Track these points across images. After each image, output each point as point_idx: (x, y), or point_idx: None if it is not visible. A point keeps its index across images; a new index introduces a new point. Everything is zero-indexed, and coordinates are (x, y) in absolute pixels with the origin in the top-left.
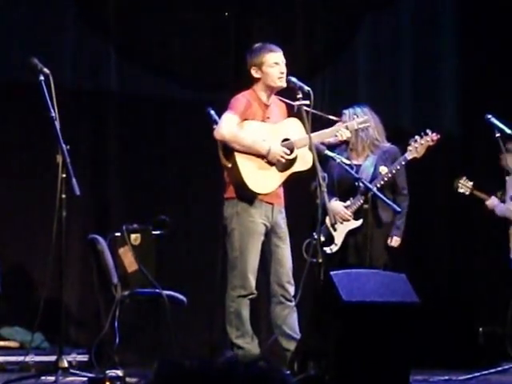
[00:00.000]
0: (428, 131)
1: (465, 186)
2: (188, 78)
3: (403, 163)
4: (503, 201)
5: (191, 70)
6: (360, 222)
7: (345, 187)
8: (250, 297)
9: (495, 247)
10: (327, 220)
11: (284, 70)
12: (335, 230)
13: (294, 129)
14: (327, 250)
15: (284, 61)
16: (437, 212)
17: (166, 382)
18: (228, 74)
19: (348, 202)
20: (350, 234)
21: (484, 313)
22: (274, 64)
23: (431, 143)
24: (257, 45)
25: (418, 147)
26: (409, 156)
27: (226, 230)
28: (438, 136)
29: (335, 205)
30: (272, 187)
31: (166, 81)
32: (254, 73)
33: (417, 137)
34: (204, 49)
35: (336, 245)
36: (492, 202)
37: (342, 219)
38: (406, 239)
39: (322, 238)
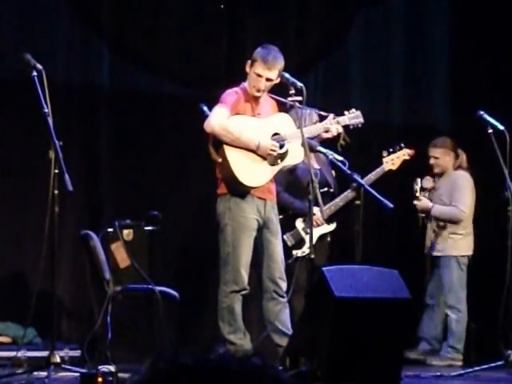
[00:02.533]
0: (402, 145)
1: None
2: (181, 75)
3: (381, 174)
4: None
5: (184, 66)
6: (333, 226)
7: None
8: (243, 292)
9: (488, 243)
10: (298, 223)
11: (262, 86)
12: (307, 233)
13: (284, 123)
14: (298, 252)
15: (271, 77)
16: None
17: (160, 377)
18: (220, 70)
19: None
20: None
21: (476, 309)
22: (257, 73)
23: (407, 158)
24: (266, 45)
25: (393, 159)
26: (386, 168)
27: (219, 226)
28: (413, 151)
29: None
30: (263, 181)
31: (159, 77)
32: (247, 66)
33: (391, 149)
34: (197, 45)
35: (308, 248)
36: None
37: (316, 223)
38: (399, 235)
39: (293, 241)
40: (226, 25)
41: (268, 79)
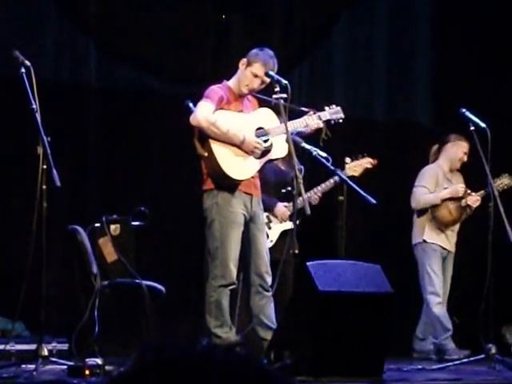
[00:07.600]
0: (365, 154)
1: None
2: (167, 72)
3: (344, 178)
4: None
5: (170, 63)
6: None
7: (281, 189)
8: (231, 287)
9: (470, 238)
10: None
11: (256, 86)
12: (270, 228)
13: (267, 118)
14: None
15: (267, 80)
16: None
17: (147, 368)
18: (206, 67)
19: (285, 203)
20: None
21: (457, 304)
22: (254, 73)
23: (370, 166)
24: (266, 49)
25: (356, 166)
26: (349, 173)
27: (206, 221)
28: (376, 161)
29: (279, 205)
30: (249, 173)
31: (146, 74)
32: (241, 65)
33: (354, 157)
34: (183, 43)
35: (272, 241)
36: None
37: (283, 219)
38: (385, 230)
39: None
40: (211, 23)
41: (263, 81)
